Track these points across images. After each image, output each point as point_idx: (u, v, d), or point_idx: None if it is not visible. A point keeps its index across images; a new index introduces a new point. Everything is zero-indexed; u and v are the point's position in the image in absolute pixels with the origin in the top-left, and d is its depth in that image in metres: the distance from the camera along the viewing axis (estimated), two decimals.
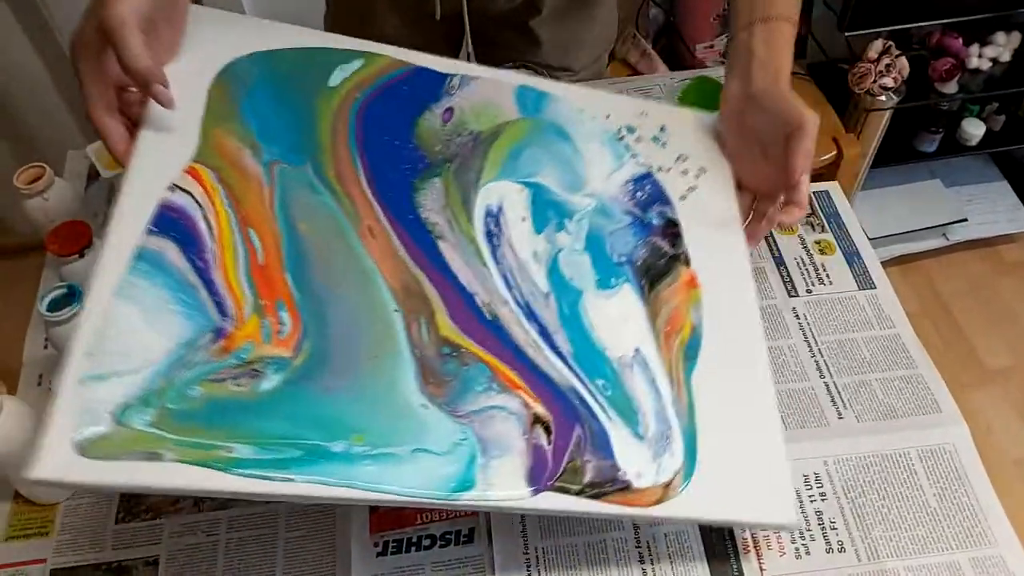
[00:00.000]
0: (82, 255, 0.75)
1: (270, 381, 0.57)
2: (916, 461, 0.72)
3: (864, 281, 0.85)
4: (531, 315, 0.66)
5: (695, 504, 0.62)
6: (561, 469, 0.60)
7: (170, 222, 0.59)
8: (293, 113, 0.68)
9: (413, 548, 0.69)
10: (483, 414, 0.60)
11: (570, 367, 0.64)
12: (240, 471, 0.53)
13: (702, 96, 0.99)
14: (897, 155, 1.94)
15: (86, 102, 0.61)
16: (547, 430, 0.61)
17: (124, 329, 0.55)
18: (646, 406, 0.65)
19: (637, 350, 0.67)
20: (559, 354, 0.65)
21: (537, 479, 0.59)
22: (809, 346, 0.80)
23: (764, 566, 0.67)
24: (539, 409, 0.62)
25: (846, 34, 1.68)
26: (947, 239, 2.04)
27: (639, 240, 0.72)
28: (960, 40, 1.82)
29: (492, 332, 0.64)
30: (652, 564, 0.67)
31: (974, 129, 1.93)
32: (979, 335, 1.93)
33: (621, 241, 0.72)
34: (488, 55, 1.04)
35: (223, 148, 0.64)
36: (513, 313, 0.65)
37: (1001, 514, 0.69)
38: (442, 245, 0.66)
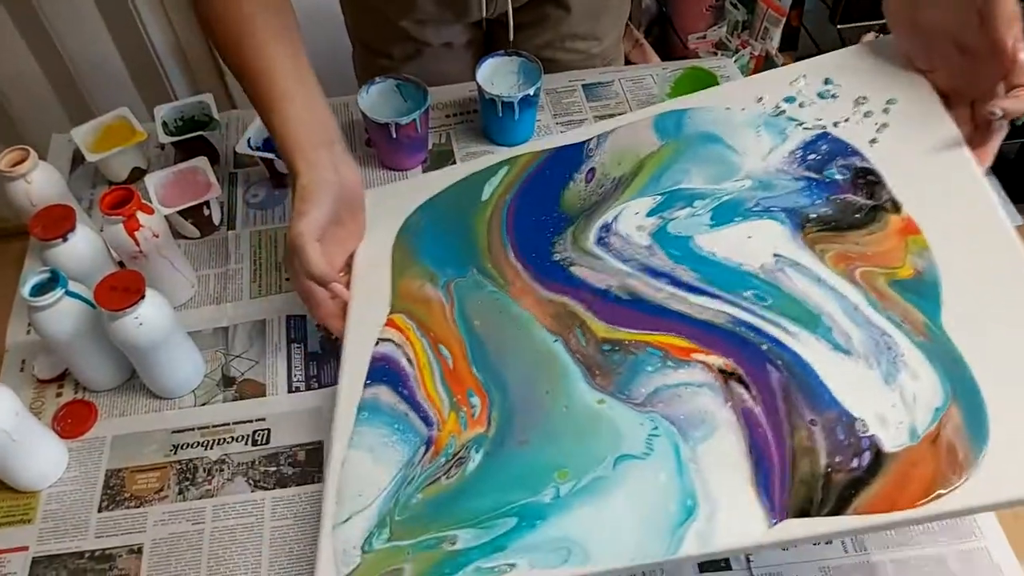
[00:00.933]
0: (65, 239, 0.74)
1: (474, 462, 0.62)
2: None
3: None
4: (651, 271, 0.67)
5: (986, 486, 0.50)
6: (787, 446, 0.54)
7: (379, 370, 0.70)
8: (455, 235, 0.77)
9: None
10: (663, 394, 0.60)
11: (713, 295, 0.63)
12: (464, 569, 0.57)
13: (694, 86, 0.98)
14: None
15: (304, 301, 0.74)
16: (742, 382, 0.58)
17: (357, 473, 0.64)
18: (827, 306, 0.59)
19: (777, 256, 0.63)
20: (694, 289, 0.64)
21: (763, 469, 0.54)
22: None
23: (751, 555, 0.67)
24: (719, 361, 0.60)
25: (838, 26, 1.68)
26: None
27: (816, 199, 0.66)
28: None
29: (638, 310, 0.66)
30: None
31: None
32: None
33: (785, 202, 0.67)
34: (518, 27, 1.04)
35: (410, 292, 0.74)
36: (640, 279, 0.67)
37: None
38: (573, 269, 0.70)
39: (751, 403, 0.57)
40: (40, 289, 0.69)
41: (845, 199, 0.65)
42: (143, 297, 0.67)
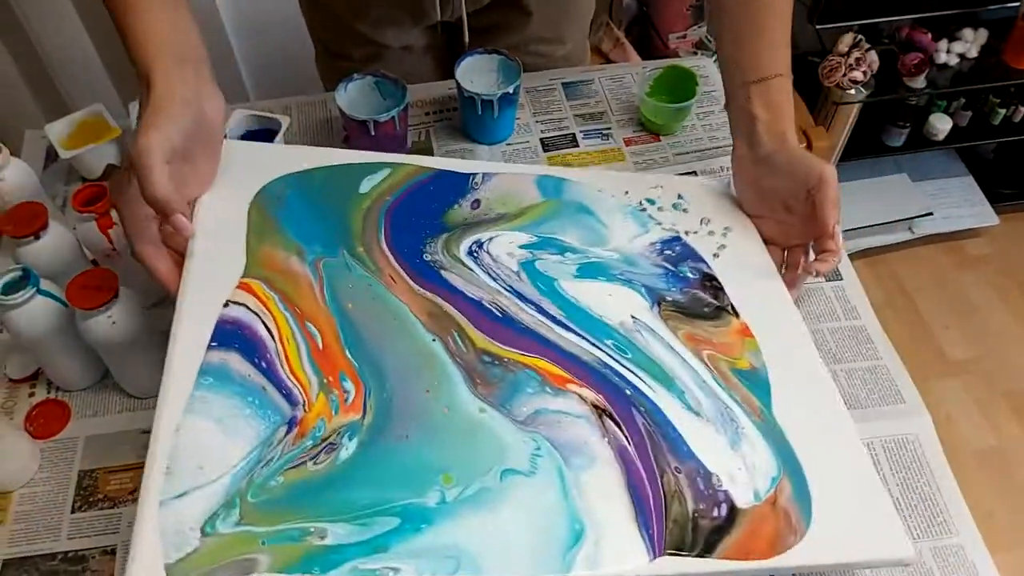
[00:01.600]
0: (38, 237, 0.73)
1: (347, 450, 0.58)
2: (880, 451, 0.72)
3: (831, 273, 0.85)
4: (519, 295, 0.70)
5: (819, 549, 0.59)
6: (659, 488, 0.59)
7: (229, 334, 0.62)
8: (327, 217, 0.72)
9: None
10: (545, 417, 0.61)
11: (577, 333, 0.67)
12: (340, 568, 0.52)
13: (673, 84, 0.98)
14: (865, 149, 1.96)
15: (128, 237, 0.64)
16: (614, 420, 0.62)
17: (199, 443, 0.56)
18: (679, 372, 0.66)
19: (635, 318, 0.69)
20: (559, 323, 0.68)
21: (640, 507, 0.58)
22: None
23: None
24: (591, 395, 0.63)
25: (817, 27, 1.69)
26: (913, 233, 2.07)
27: (672, 286, 0.74)
28: (929, 35, 1.84)
29: (512, 329, 0.67)
30: None
31: (941, 124, 1.96)
32: (941, 328, 1.96)
33: (645, 280, 0.74)
34: (480, 31, 1.04)
35: (270, 260, 0.67)
36: (510, 299, 0.69)
37: (962, 505, 0.70)
38: (444, 273, 0.70)
39: (624, 442, 0.61)
40: (11, 287, 0.68)
41: (695, 294, 0.74)
42: (116, 296, 0.67)
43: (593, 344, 0.66)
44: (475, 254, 0.72)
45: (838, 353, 0.79)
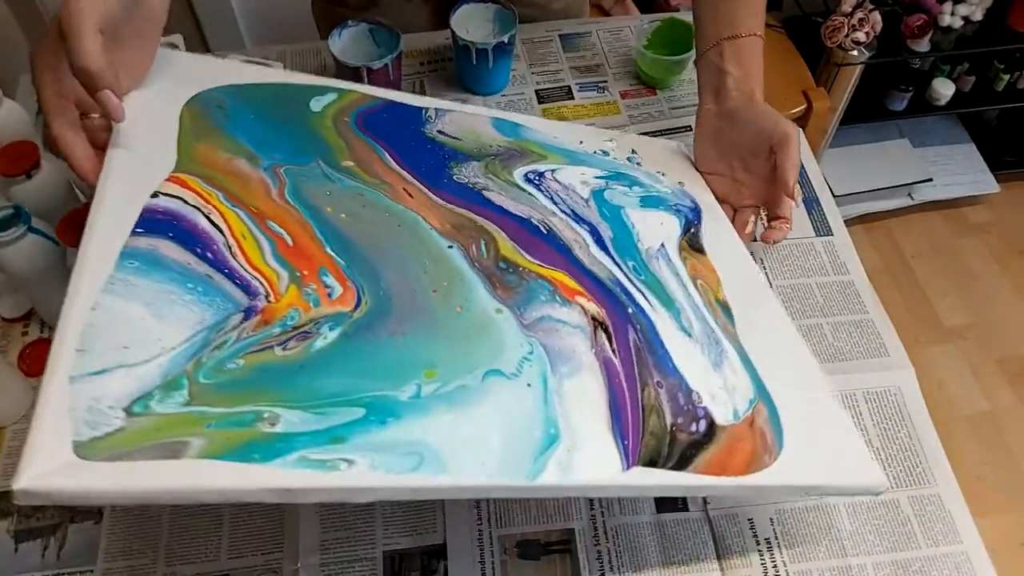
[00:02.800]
0: (29, 176, 0.73)
1: (324, 339, 0.54)
2: (861, 402, 0.73)
3: (822, 228, 0.86)
4: (578, 218, 0.72)
5: (792, 470, 0.59)
6: (639, 400, 0.58)
7: (159, 223, 0.56)
8: (286, 128, 0.68)
9: None
10: (547, 324, 0.60)
11: (609, 254, 0.69)
12: (284, 457, 0.46)
13: (671, 37, 0.98)
14: (867, 113, 1.95)
15: (45, 116, 0.57)
16: (607, 332, 0.62)
17: (123, 323, 0.50)
18: (679, 296, 0.68)
19: (663, 245, 0.73)
20: (602, 245, 0.70)
21: (617, 416, 0.56)
22: None
23: (709, 501, 0.68)
24: (594, 308, 0.63)
25: None
26: (912, 199, 2.06)
27: (690, 221, 0.78)
28: None
29: (548, 243, 0.68)
30: (602, 513, 0.68)
31: (944, 89, 1.94)
32: (938, 294, 1.96)
33: (686, 213, 0.79)
34: None
35: (210, 159, 0.62)
36: (564, 220, 0.71)
37: (941, 455, 0.71)
38: (488, 193, 0.71)
39: (610, 354, 0.60)
40: (3, 225, 0.68)
41: (696, 229, 0.78)
42: None
43: (617, 264, 0.69)
44: (536, 181, 0.74)
45: (825, 307, 0.79)
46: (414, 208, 0.66)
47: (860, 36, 1.68)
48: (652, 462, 0.55)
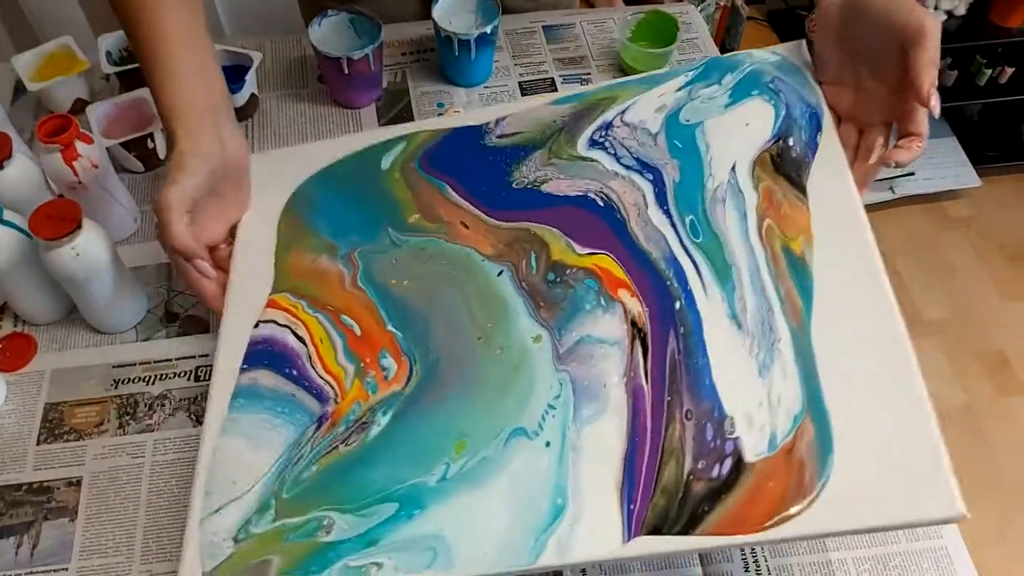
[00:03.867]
0: (1, 167, 0.71)
1: (378, 426, 0.60)
2: None
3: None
4: (643, 166, 0.68)
5: (833, 513, 0.50)
6: (659, 449, 0.55)
7: (259, 354, 0.65)
8: (359, 204, 0.73)
9: None
10: (583, 349, 0.60)
11: (668, 213, 0.65)
12: (332, 567, 0.54)
13: (656, 30, 0.97)
14: None
15: (177, 271, 0.70)
16: (644, 346, 0.59)
17: (231, 460, 0.60)
18: (738, 256, 0.61)
19: (734, 168, 0.65)
20: (662, 200, 0.66)
21: (630, 474, 0.54)
22: None
23: None
24: (637, 308, 0.60)
25: None
26: (894, 192, 2.07)
27: (792, 128, 0.67)
28: None
29: (603, 219, 0.66)
30: None
31: None
32: (919, 287, 1.97)
33: (787, 97, 0.68)
34: None
35: (298, 268, 0.69)
36: (626, 178, 0.68)
37: None
38: (545, 187, 0.69)
39: (642, 380, 0.57)
40: None
41: (800, 150, 0.65)
42: (79, 227, 0.66)
43: (673, 224, 0.64)
44: (601, 140, 0.71)
45: None
46: (469, 242, 0.67)
47: None
48: (657, 528, 0.52)
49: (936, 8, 1.84)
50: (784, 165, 0.65)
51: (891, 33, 0.62)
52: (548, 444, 0.56)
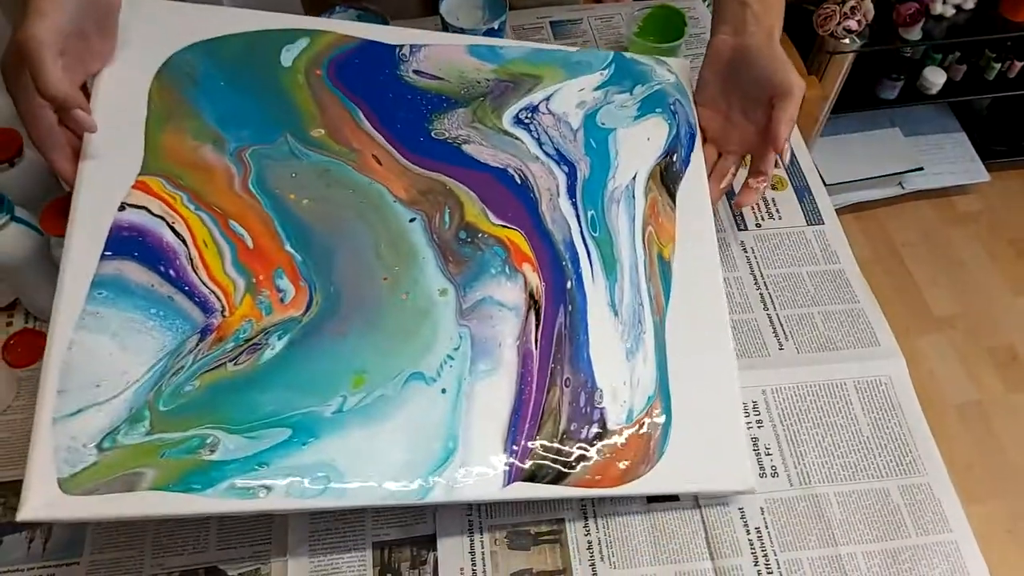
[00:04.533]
0: (12, 164, 0.72)
1: (272, 349, 0.58)
2: (852, 391, 0.73)
3: (813, 217, 0.85)
4: (560, 158, 0.72)
5: (664, 478, 0.62)
6: (540, 408, 0.61)
7: (125, 242, 0.58)
8: (255, 95, 0.67)
9: None
10: (484, 309, 0.63)
11: (575, 203, 0.70)
12: (217, 486, 0.53)
13: (663, 24, 0.97)
14: (858, 101, 1.95)
15: (26, 126, 0.59)
16: (538, 316, 0.64)
17: (93, 359, 0.55)
18: (624, 254, 0.68)
19: (635, 177, 0.73)
20: (571, 191, 0.70)
21: (514, 428, 0.60)
22: (755, 279, 0.80)
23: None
24: (536, 282, 0.65)
25: None
26: (903, 187, 2.06)
27: (679, 144, 0.76)
28: None
29: (517, 198, 0.68)
30: (592, 504, 0.68)
31: (935, 77, 1.94)
32: (928, 283, 1.96)
33: (680, 119, 0.77)
34: None
35: (176, 152, 0.62)
36: (544, 164, 0.71)
37: (931, 445, 0.71)
38: (466, 148, 0.70)
39: (532, 345, 0.63)
40: None
41: (680, 164, 0.75)
42: None
43: (576, 215, 0.69)
44: (527, 120, 0.73)
45: (816, 296, 0.79)
46: (380, 178, 0.66)
47: (852, 24, 1.67)
48: (532, 477, 0.59)
49: (945, 3, 1.82)
50: (667, 178, 0.74)
51: (767, 86, 0.71)
52: (444, 391, 0.60)
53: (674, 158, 0.75)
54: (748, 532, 0.66)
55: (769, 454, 0.69)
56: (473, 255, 0.65)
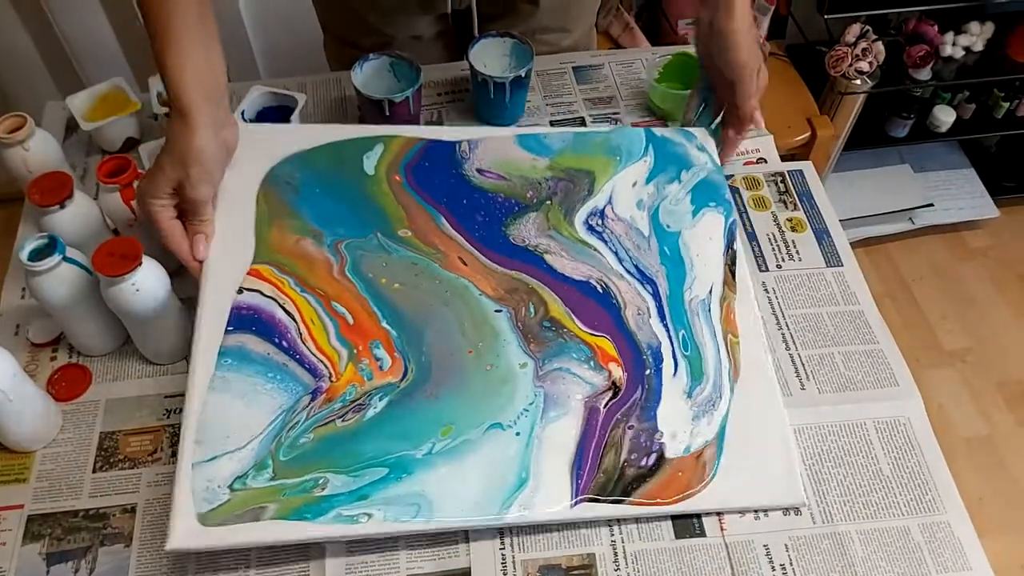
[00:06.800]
0: (63, 206, 0.75)
1: (374, 409, 0.68)
2: (872, 431, 0.75)
3: (832, 258, 0.88)
4: (643, 277, 0.78)
5: (717, 496, 0.69)
6: (604, 441, 0.69)
7: (245, 319, 0.70)
8: (346, 200, 0.78)
9: None
10: (560, 375, 0.71)
11: (666, 325, 0.76)
12: (326, 515, 0.63)
13: (681, 71, 1.00)
14: (869, 139, 1.98)
15: (170, 245, 0.72)
16: (615, 395, 0.71)
17: (223, 416, 0.66)
18: (710, 367, 0.74)
19: (711, 291, 0.78)
20: (661, 314, 0.76)
21: (579, 458, 0.68)
22: (777, 319, 0.82)
23: (724, 526, 0.69)
24: (619, 373, 0.72)
25: (825, 17, 1.70)
26: (913, 223, 2.09)
27: (731, 230, 0.84)
28: (935, 27, 1.85)
29: (602, 306, 0.75)
30: (619, 523, 0.69)
31: (945, 116, 1.97)
32: (938, 317, 1.98)
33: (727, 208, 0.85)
34: (487, 19, 1.06)
35: (281, 244, 0.74)
36: (629, 282, 0.77)
37: (950, 483, 0.72)
38: (548, 258, 0.77)
39: (601, 407, 0.71)
40: (38, 254, 0.70)
41: (735, 252, 0.82)
42: (140, 264, 0.69)
43: (669, 335, 0.75)
44: (599, 229, 0.79)
45: (836, 336, 0.81)
46: (466, 276, 0.74)
47: (863, 66, 1.71)
48: (597, 496, 0.67)
49: (954, 45, 1.86)
50: (731, 269, 0.81)
51: (724, 67, 0.83)
52: (518, 434, 0.68)
53: (735, 246, 0.82)
54: (773, 568, 0.67)
55: None
56: (555, 339, 0.72)
